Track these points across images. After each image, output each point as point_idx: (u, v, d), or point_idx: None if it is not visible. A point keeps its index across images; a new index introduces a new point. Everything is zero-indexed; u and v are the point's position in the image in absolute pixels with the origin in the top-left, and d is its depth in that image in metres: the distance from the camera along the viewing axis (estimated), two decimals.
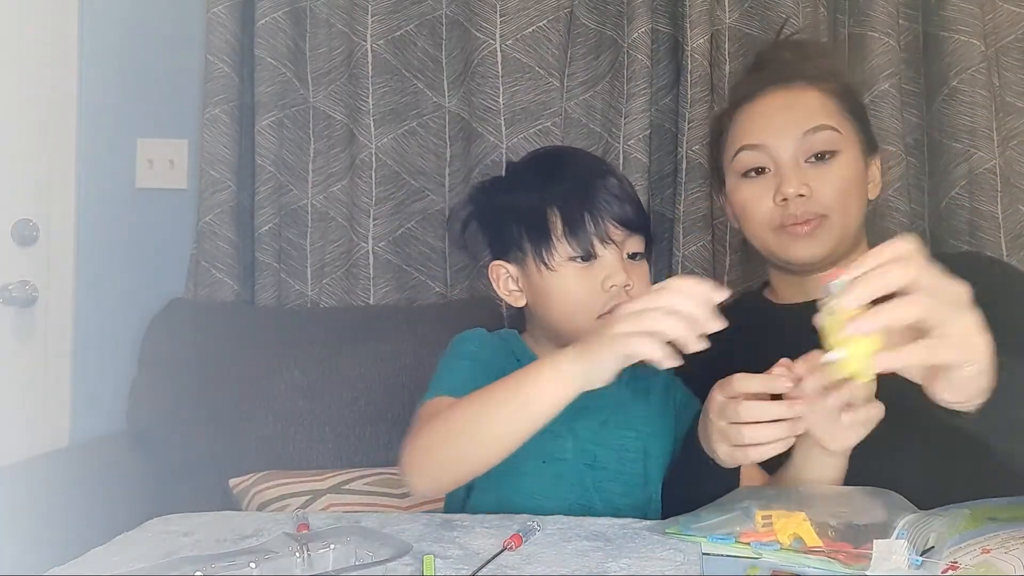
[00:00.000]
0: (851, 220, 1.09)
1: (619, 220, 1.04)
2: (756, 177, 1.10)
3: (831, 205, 1.07)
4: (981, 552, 0.71)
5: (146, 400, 1.62)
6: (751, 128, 1.11)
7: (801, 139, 1.08)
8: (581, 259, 1.03)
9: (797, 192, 1.06)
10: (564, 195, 1.05)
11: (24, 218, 1.70)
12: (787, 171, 1.07)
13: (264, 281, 1.69)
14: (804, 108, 1.10)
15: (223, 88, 1.67)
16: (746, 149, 1.10)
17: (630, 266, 1.05)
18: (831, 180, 1.07)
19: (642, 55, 1.59)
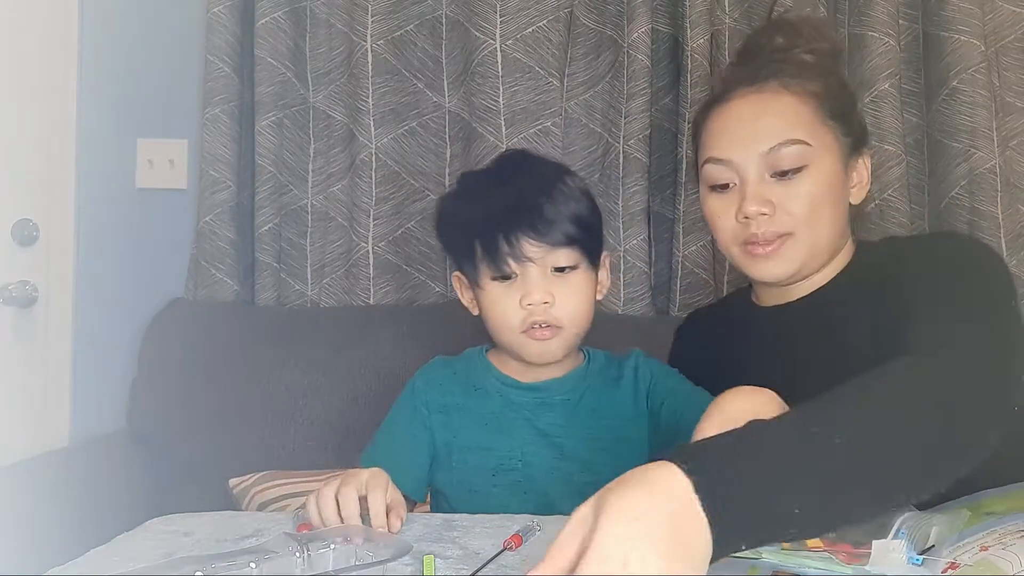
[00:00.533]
0: (822, 234, 1.03)
1: (536, 238, 1.03)
2: (721, 192, 1.05)
3: (796, 223, 1.01)
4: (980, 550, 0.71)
5: (146, 400, 1.62)
6: (718, 140, 1.06)
7: (766, 155, 1.01)
8: (501, 278, 1.05)
9: (759, 211, 1.01)
10: (485, 215, 1.05)
11: (24, 218, 1.70)
12: (750, 189, 1.02)
13: (264, 281, 1.69)
14: (772, 119, 1.02)
15: (223, 88, 1.67)
16: (712, 162, 1.05)
17: (556, 280, 1.05)
18: (797, 197, 1.01)
19: (642, 55, 1.59)
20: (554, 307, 1.04)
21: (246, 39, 1.70)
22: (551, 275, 1.05)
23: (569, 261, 1.06)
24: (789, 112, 1.02)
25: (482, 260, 1.05)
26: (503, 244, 1.03)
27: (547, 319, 1.04)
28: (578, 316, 1.06)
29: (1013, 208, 1.57)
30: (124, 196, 1.77)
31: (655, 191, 1.66)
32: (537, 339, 1.05)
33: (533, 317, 1.03)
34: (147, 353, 1.63)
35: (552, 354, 1.07)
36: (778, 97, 1.03)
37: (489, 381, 1.12)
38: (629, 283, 1.62)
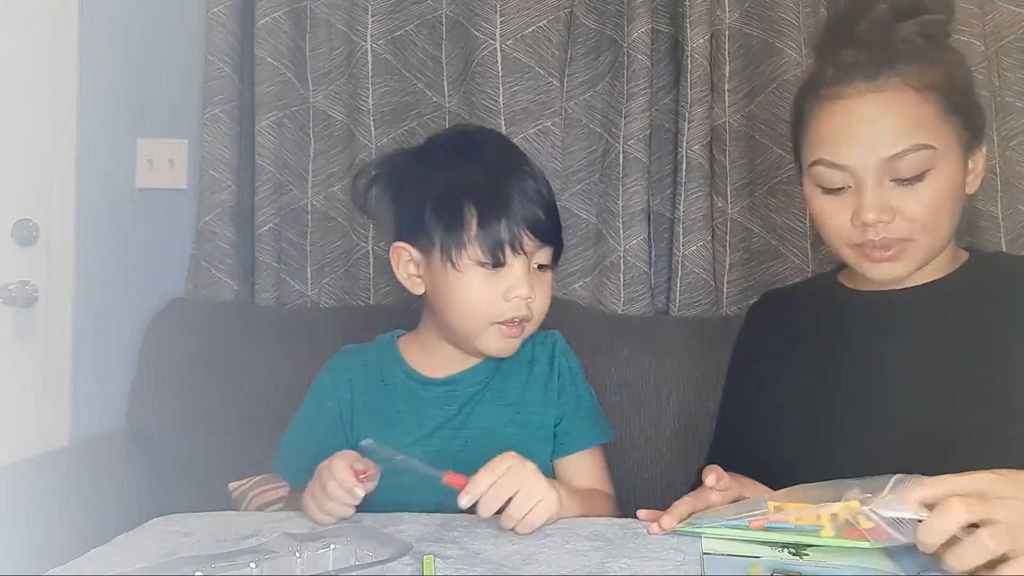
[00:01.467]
0: (941, 236, 0.97)
1: (535, 231, 1.02)
2: (835, 194, 0.98)
3: (916, 230, 0.95)
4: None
5: (146, 400, 1.62)
6: (833, 141, 0.97)
7: (888, 162, 0.93)
8: (490, 266, 1.02)
9: (877, 219, 0.94)
10: (482, 194, 1.02)
11: (24, 218, 1.70)
12: (868, 196, 0.94)
13: (264, 281, 1.69)
14: (894, 121, 0.94)
15: (223, 88, 1.67)
16: (823, 165, 0.97)
17: (535, 277, 1.04)
18: (919, 203, 0.94)
19: (642, 55, 1.59)
20: (533, 302, 1.04)
21: (246, 39, 1.70)
22: (534, 271, 1.05)
23: (549, 259, 1.06)
24: (913, 113, 0.94)
25: (475, 242, 1.01)
26: (505, 231, 1.01)
27: (525, 314, 1.03)
28: (544, 312, 1.07)
29: (1013, 208, 1.57)
30: (124, 196, 1.77)
31: (655, 191, 1.66)
32: (507, 335, 1.04)
33: (514, 311, 1.02)
34: (147, 353, 1.63)
35: (512, 349, 1.07)
36: (900, 95, 0.95)
37: (398, 376, 1.11)
38: (629, 283, 1.61)
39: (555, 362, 1.12)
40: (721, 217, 1.62)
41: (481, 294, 1.02)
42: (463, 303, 1.03)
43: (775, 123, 1.60)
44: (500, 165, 1.07)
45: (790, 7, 1.58)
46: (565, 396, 1.11)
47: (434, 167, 1.08)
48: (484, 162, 1.07)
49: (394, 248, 1.09)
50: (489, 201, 1.02)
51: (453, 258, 1.02)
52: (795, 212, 1.61)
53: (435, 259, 1.04)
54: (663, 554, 0.81)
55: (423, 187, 1.06)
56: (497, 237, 1.01)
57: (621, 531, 0.88)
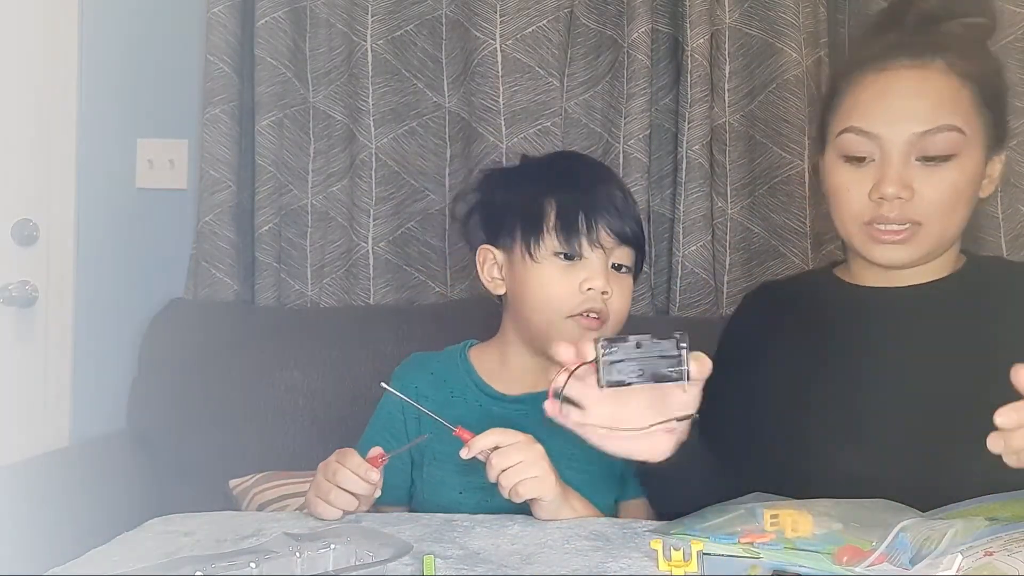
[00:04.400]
0: (951, 228, 0.98)
1: (612, 227, 1.04)
2: (857, 164, 0.97)
3: (931, 213, 0.95)
4: (984, 555, 0.71)
5: (146, 400, 1.62)
6: (867, 110, 0.97)
7: (918, 136, 0.94)
8: (566, 256, 1.04)
9: (897, 194, 0.94)
10: (564, 191, 1.06)
11: (24, 218, 1.70)
12: (892, 169, 0.95)
13: (264, 281, 1.69)
14: (932, 99, 0.95)
15: (223, 88, 1.67)
16: (853, 132, 0.97)
17: (613, 276, 1.05)
18: (938, 186, 0.94)
19: (642, 55, 1.59)
20: (610, 300, 1.04)
21: (246, 39, 1.70)
22: (611, 270, 1.05)
23: (628, 261, 1.07)
24: (951, 95, 0.95)
25: (553, 231, 1.04)
26: (582, 222, 1.03)
27: (600, 310, 1.03)
28: (622, 317, 1.07)
29: (1013, 208, 1.57)
30: (124, 196, 1.77)
31: (655, 191, 1.66)
32: (584, 326, 1.03)
33: (590, 303, 1.03)
34: (147, 353, 1.63)
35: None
36: (941, 76, 0.96)
37: (468, 388, 1.10)
38: None
39: None
40: (721, 217, 1.62)
41: (558, 285, 1.04)
42: (540, 294, 1.05)
43: (775, 123, 1.61)
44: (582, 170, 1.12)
45: (790, 7, 1.58)
46: None
47: (523, 178, 1.13)
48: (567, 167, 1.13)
49: (479, 251, 1.12)
50: (568, 195, 1.05)
51: (531, 249, 1.05)
52: (795, 212, 1.61)
53: (515, 255, 1.07)
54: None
55: (510, 194, 1.11)
56: (574, 228, 1.03)
57: (621, 531, 0.88)
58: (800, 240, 1.61)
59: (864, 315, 1.03)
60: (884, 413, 0.97)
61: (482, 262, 1.11)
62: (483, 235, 1.13)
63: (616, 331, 1.07)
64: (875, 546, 0.74)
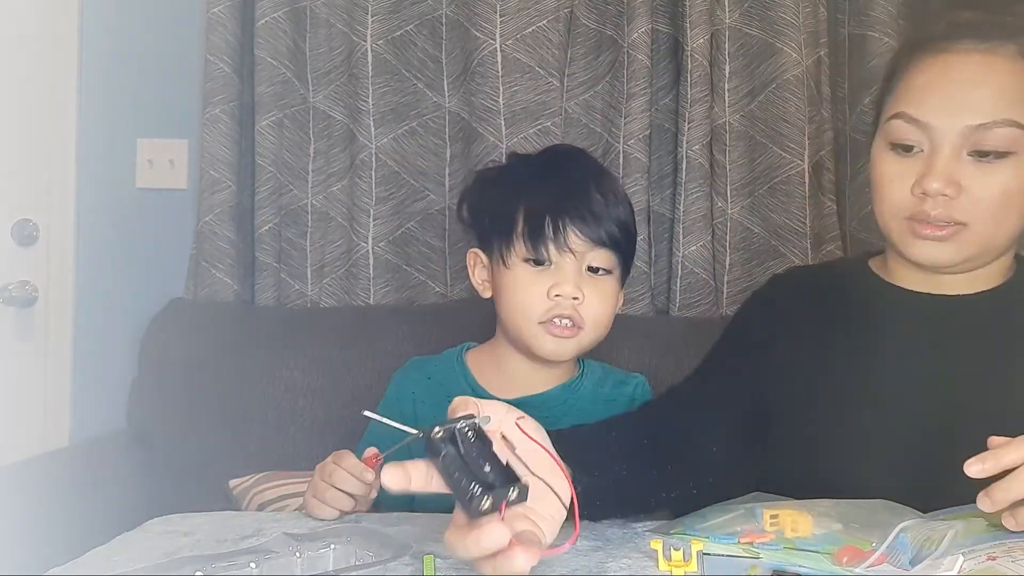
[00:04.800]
0: (1000, 233, 0.89)
1: (583, 231, 1.02)
2: (904, 154, 0.90)
3: (977, 214, 0.88)
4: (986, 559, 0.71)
5: (146, 400, 1.62)
6: (921, 96, 0.89)
7: (973, 129, 0.86)
8: (534, 262, 1.03)
9: (941, 191, 0.86)
10: (535, 195, 1.04)
11: (24, 218, 1.70)
12: (940, 162, 0.87)
13: (264, 281, 1.69)
14: (993, 90, 0.86)
15: (223, 88, 1.67)
16: (903, 119, 0.90)
17: (587, 280, 1.03)
18: (989, 185, 0.87)
19: (642, 55, 1.59)
20: (582, 305, 1.02)
21: (246, 39, 1.70)
22: (584, 273, 1.03)
23: (605, 263, 1.05)
24: (1015, 85, 0.87)
25: (521, 237, 1.03)
26: (548, 227, 1.01)
27: (571, 315, 1.02)
28: (600, 321, 1.05)
29: None
30: (124, 196, 1.77)
31: (655, 191, 1.66)
32: (555, 335, 1.03)
33: (558, 310, 1.02)
34: (147, 353, 1.63)
35: (565, 353, 1.05)
36: (1008, 63, 0.87)
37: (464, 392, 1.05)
38: (629, 283, 1.61)
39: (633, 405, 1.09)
40: (721, 217, 1.62)
41: (526, 291, 1.03)
42: (511, 300, 1.04)
43: (775, 123, 1.61)
44: (558, 170, 1.09)
45: (790, 7, 1.58)
46: None
47: (505, 179, 1.12)
48: (547, 169, 1.10)
49: (469, 254, 1.12)
50: (538, 200, 1.03)
51: (503, 255, 1.04)
52: (795, 212, 1.61)
53: (495, 259, 1.07)
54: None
55: (491, 196, 1.10)
56: (540, 233, 1.02)
57: (621, 531, 0.88)
58: (800, 240, 1.61)
59: (898, 319, 0.96)
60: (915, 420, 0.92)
61: (472, 265, 1.12)
62: (473, 239, 1.14)
63: (598, 336, 1.06)
64: (875, 546, 0.74)
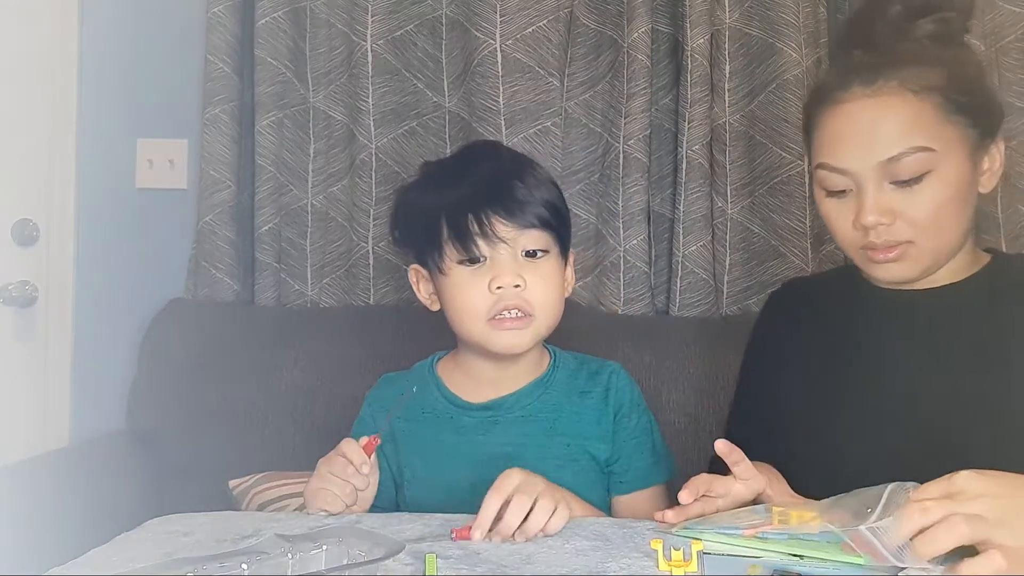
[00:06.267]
0: (945, 238, 0.97)
1: (507, 219, 1.00)
2: (839, 196, 0.99)
3: (918, 232, 0.95)
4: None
5: (146, 400, 1.62)
6: (833, 146, 0.98)
7: (885, 164, 0.94)
8: (468, 261, 1.01)
9: (877, 222, 0.94)
10: (451, 197, 1.02)
11: (24, 218, 1.70)
12: (868, 199, 0.95)
13: (264, 281, 1.69)
14: (892, 126, 0.94)
15: (223, 88, 1.67)
16: (825, 168, 0.98)
17: (526, 265, 1.01)
18: (919, 204, 0.94)
19: (642, 55, 1.59)
20: (525, 291, 1.00)
21: (246, 39, 1.70)
22: (521, 259, 1.01)
23: (540, 244, 1.02)
24: (910, 115, 0.94)
25: (448, 241, 1.01)
26: (472, 223, 0.99)
27: (518, 304, 1.00)
28: (549, 304, 1.03)
29: (1013, 208, 1.56)
30: (124, 196, 1.77)
31: (655, 191, 1.66)
32: (506, 328, 1.01)
33: (503, 302, 1.00)
34: (147, 353, 1.63)
35: (521, 345, 1.03)
36: (898, 99, 0.95)
37: (438, 401, 1.08)
38: (629, 283, 1.61)
39: (610, 396, 1.08)
40: (721, 217, 1.62)
41: (467, 292, 1.01)
42: (456, 306, 1.03)
43: (775, 123, 1.60)
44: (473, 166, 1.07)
45: (790, 7, 1.58)
46: (623, 433, 1.07)
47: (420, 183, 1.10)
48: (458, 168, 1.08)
49: (410, 272, 1.10)
50: (455, 200, 1.01)
51: (438, 263, 1.02)
52: (795, 212, 1.61)
53: (432, 271, 1.05)
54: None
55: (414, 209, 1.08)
56: (465, 231, 0.99)
57: (621, 531, 0.88)
58: (800, 240, 1.61)
59: (887, 317, 1.03)
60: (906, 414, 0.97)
61: (415, 282, 1.10)
62: (409, 256, 1.12)
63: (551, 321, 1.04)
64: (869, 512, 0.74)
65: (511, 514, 0.84)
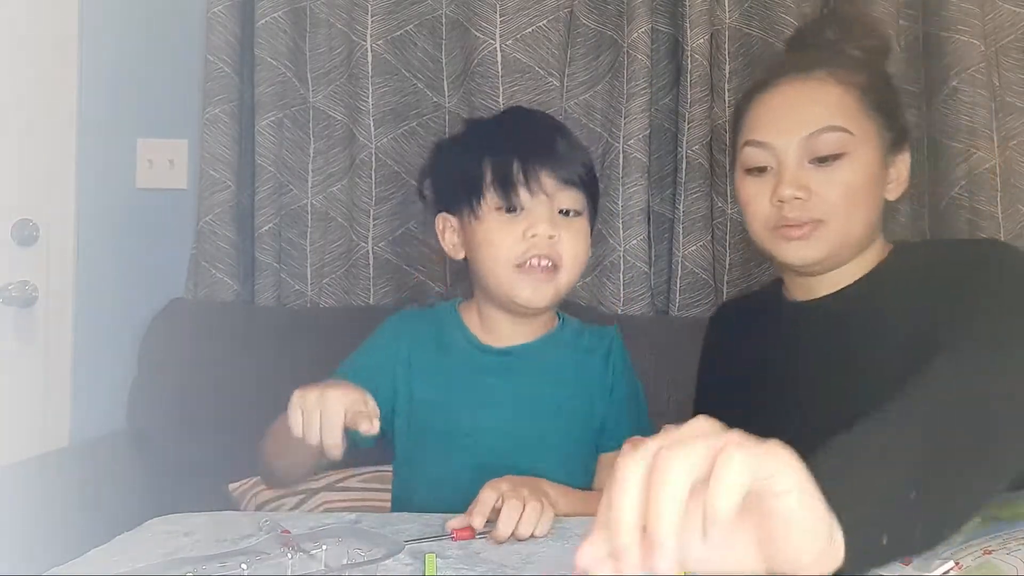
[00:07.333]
0: (854, 224, 1.02)
1: (553, 171, 1.03)
2: (759, 175, 1.05)
3: (830, 210, 1.01)
4: (983, 553, 0.71)
5: (146, 400, 1.62)
6: (759, 123, 1.06)
7: (806, 140, 1.01)
8: (507, 209, 1.04)
9: (794, 195, 1.01)
10: (499, 146, 1.05)
11: (24, 218, 1.70)
12: (787, 173, 1.02)
13: (264, 281, 1.69)
14: (816, 105, 1.03)
15: (223, 88, 1.67)
16: (751, 145, 1.05)
17: (561, 221, 1.05)
18: (833, 184, 1.01)
19: (642, 55, 1.59)
20: (559, 243, 1.03)
21: (246, 39, 1.70)
22: (557, 216, 1.05)
23: (576, 204, 1.06)
24: (833, 100, 1.02)
25: (490, 187, 1.04)
26: (519, 172, 1.02)
27: (549, 254, 1.03)
28: (577, 260, 1.06)
29: (1013, 208, 1.57)
30: (124, 196, 1.77)
31: (655, 191, 1.66)
32: (534, 278, 1.03)
33: (535, 250, 1.02)
34: (147, 353, 1.63)
35: (543, 298, 1.05)
36: (823, 85, 1.03)
37: (457, 339, 1.11)
38: (629, 283, 1.62)
39: (611, 357, 1.13)
40: (721, 217, 1.62)
41: (502, 237, 1.04)
42: (487, 250, 1.05)
43: None
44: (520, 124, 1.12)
45: (790, 7, 1.59)
46: (616, 393, 1.12)
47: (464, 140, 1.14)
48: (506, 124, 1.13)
49: (438, 219, 1.12)
50: (503, 149, 1.05)
51: (474, 208, 1.05)
52: None
53: (464, 217, 1.07)
54: None
55: (455, 158, 1.11)
56: (510, 179, 1.03)
57: None
58: None
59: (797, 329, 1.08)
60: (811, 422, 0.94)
61: (441, 230, 1.12)
62: (438, 205, 1.14)
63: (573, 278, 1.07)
64: None
65: (503, 520, 0.86)
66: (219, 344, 1.61)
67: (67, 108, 1.74)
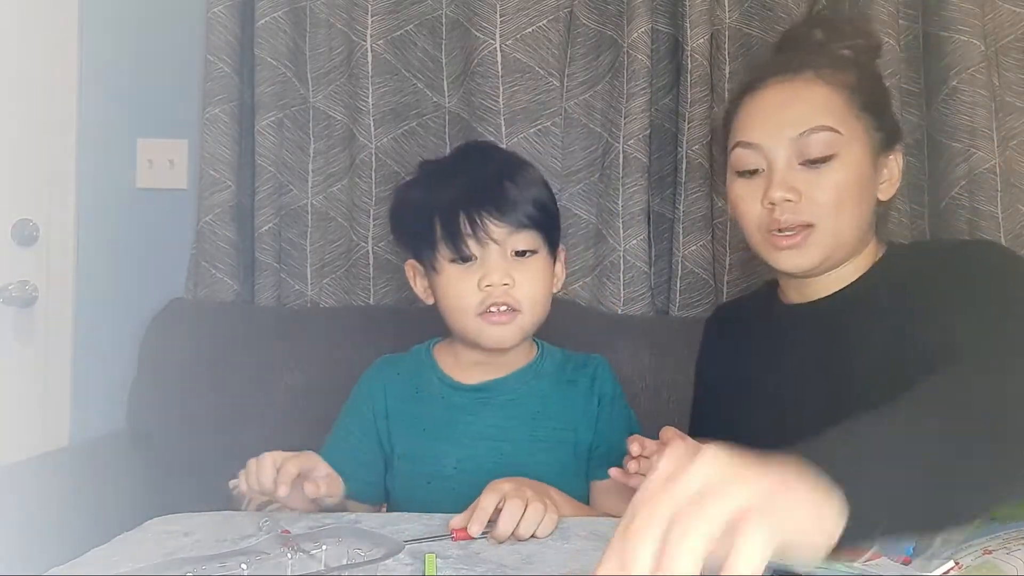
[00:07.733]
0: (846, 226, 1.02)
1: (499, 219, 1.04)
2: (750, 177, 1.05)
3: (820, 213, 1.01)
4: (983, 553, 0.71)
5: (146, 400, 1.62)
6: (749, 124, 1.05)
7: (795, 141, 1.01)
8: (460, 260, 1.05)
9: (784, 197, 1.00)
10: (445, 198, 1.06)
11: (24, 218, 1.70)
12: (777, 175, 1.01)
13: (264, 281, 1.69)
14: (804, 106, 1.02)
15: (223, 88, 1.67)
16: (741, 147, 1.05)
17: (516, 264, 1.05)
18: (824, 185, 1.00)
19: (642, 55, 1.59)
20: (514, 289, 1.04)
21: (246, 39, 1.70)
22: (511, 258, 1.05)
23: (529, 245, 1.06)
24: (821, 100, 1.02)
25: (441, 240, 1.05)
26: (465, 224, 1.03)
27: (506, 301, 1.04)
28: (537, 301, 1.07)
29: (1013, 208, 1.57)
30: (124, 196, 1.77)
31: (655, 191, 1.66)
32: (495, 323, 1.05)
33: (492, 299, 1.04)
34: (147, 353, 1.63)
35: (509, 339, 1.07)
36: (811, 86, 1.03)
37: (432, 383, 1.13)
38: (629, 283, 1.61)
39: (595, 385, 1.14)
40: (721, 217, 1.62)
41: (458, 288, 1.05)
42: (448, 302, 1.07)
43: None
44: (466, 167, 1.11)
45: (790, 7, 1.58)
46: (603, 422, 1.12)
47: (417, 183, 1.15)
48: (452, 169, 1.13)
49: (406, 267, 1.15)
50: (448, 199, 1.05)
51: (431, 261, 1.07)
52: None
53: (427, 267, 1.09)
54: None
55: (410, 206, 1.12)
56: (457, 232, 1.03)
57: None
58: None
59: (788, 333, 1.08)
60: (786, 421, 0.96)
61: (412, 276, 1.14)
62: (405, 252, 1.16)
63: (537, 317, 1.09)
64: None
65: (504, 520, 0.86)
66: (219, 344, 1.61)
67: (67, 108, 1.74)
